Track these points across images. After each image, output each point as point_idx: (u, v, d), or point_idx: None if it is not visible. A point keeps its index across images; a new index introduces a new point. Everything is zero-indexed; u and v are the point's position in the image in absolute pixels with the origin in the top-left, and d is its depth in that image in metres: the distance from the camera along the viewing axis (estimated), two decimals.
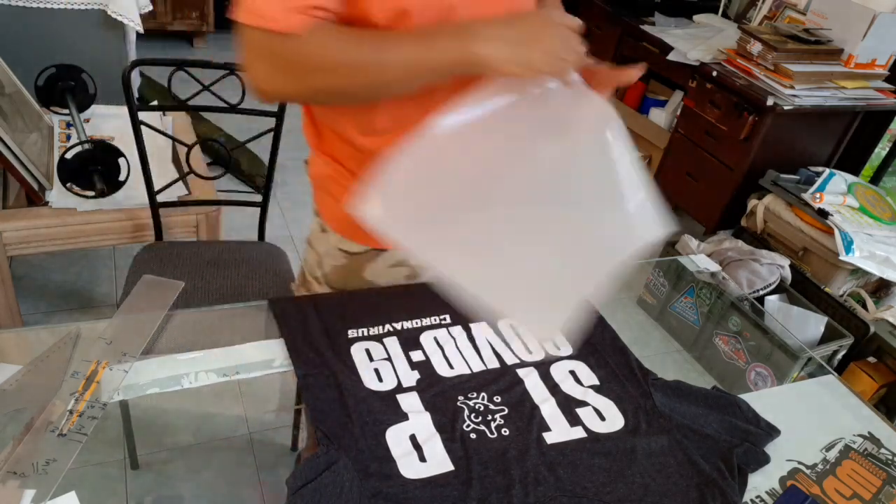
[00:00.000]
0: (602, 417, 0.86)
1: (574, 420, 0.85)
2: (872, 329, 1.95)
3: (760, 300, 2.03)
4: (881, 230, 2.09)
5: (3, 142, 1.44)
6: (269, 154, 1.56)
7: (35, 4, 2.10)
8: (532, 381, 0.89)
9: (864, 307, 2.05)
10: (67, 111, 1.80)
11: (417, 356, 0.90)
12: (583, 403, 0.87)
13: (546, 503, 0.73)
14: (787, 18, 2.49)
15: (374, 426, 0.79)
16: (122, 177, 1.59)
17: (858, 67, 2.26)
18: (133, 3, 2.16)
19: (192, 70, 1.42)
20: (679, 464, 0.81)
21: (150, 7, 2.32)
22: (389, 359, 0.89)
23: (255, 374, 0.86)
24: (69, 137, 1.78)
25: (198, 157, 1.70)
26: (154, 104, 1.77)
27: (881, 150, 2.55)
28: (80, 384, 0.79)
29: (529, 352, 0.94)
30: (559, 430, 0.83)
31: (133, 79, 1.39)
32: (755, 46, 2.25)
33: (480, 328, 0.97)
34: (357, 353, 0.89)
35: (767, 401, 0.93)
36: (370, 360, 0.88)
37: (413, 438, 0.78)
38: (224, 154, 1.76)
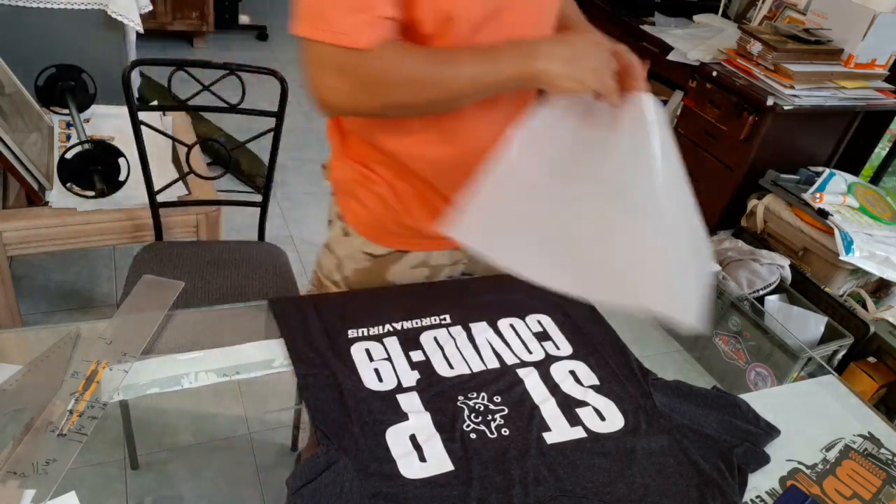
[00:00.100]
0: (602, 417, 0.86)
1: (574, 420, 0.85)
2: (872, 329, 1.95)
3: (760, 300, 2.03)
4: (881, 230, 2.09)
5: (3, 142, 1.44)
6: (269, 154, 1.56)
7: (35, 4, 2.11)
8: (532, 381, 0.89)
9: (864, 307, 2.05)
10: (67, 111, 1.80)
11: (417, 356, 0.90)
12: (583, 403, 0.87)
13: (546, 503, 0.73)
14: (787, 18, 2.48)
15: (374, 426, 0.79)
16: (122, 177, 1.59)
17: (858, 67, 2.25)
18: (133, 3, 2.16)
19: (192, 70, 1.42)
20: (679, 464, 0.81)
21: (150, 7, 2.32)
22: (389, 359, 0.89)
23: (255, 374, 0.86)
24: (69, 137, 1.78)
25: (198, 157, 1.70)
26: (154, 104, 1.77)
27: (881, 150, 2.55)
28: (80, 384, 0.79)
29: (529, 352, 0.94)
30: (559, 430, 0.83)
31: (133, 79, 1.39)
32: (755, 46, 2.25)
33: (480, 328, 0.97)
34: (357, 353, 0.89)
35: (767, 401, 0.93)
36: (370, 360, 0.88)
37: (413, 438, 0.78)
38: (224, 154, 1.76)
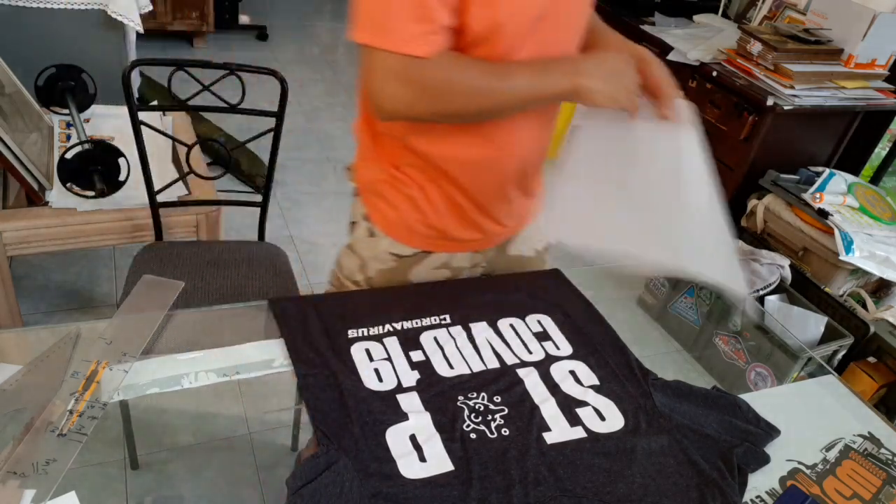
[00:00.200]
0: (602, 417, 0.86)
1: (574, 420, 0.85)
2: (872, 329, 1.95)
3: (760, 300, 2.03)
4: (881, 230, 2.09)
5: (3, 142, 1.44)
6: (269, 154, 1.56)
7: (35, 4, 2.10)
8: (532, 381, 0.89)
9: (864, 307, 2.05)
10: (67, 111, 1.80)
11: (417, 356, 0.90)
12: (583, 403, 0.87)
13: (546, 503, 0.73)
14: (787, 18, 2.48)
15: (374, 426, 0.79)
16: (122, 177, 1.59)
17: (858, 67, 2.25)
18: (133, 3, 2.16)
19: (192, 70, 1.42)
20: (679, 464, 0.81)
21: (150, 7, 2.32)
22: (389, 359, 0.89)
23: (255, 374, 0.86)
24: (69, 137, 1.78)
25: (198, 157, 1.70)
26: (154, 104, 1.77)
27: (881, 150, 2.55)
28: (80, 384, 0.79)
29: (529, 352, 0.94)
30: (559, 430, 0.83)
31: (133, 79, 1.39)
32: (755, 46, 2.25)
33: (480, 328, 0.97)
34: (357, 353, 0.89)
35: (767, 401, 0.93)
36: (370, 360, 0.88)
37: (413, 438, 0.78)
38: (224, 154, 1.76)
